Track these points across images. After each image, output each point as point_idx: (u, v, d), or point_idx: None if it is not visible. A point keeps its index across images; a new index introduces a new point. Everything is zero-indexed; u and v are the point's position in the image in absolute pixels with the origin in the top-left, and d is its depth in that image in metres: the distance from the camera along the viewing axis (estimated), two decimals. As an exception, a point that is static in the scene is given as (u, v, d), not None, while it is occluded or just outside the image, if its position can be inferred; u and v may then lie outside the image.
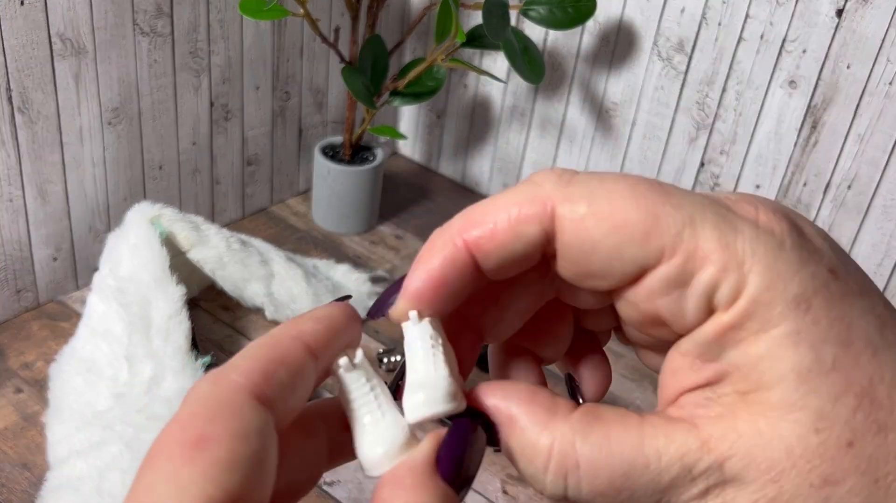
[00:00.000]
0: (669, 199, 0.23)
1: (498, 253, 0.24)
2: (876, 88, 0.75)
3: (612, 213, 0.23)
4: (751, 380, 0.23)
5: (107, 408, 0.65)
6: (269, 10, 0.73)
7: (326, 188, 0.94)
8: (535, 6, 0.80)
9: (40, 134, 0.73)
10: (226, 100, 0.88)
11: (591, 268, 0.24)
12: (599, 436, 0.24)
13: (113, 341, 0.68)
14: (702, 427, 0.23)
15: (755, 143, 0.84)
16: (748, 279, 0.22)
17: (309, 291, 0.79)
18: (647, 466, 0.23)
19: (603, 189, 0.23)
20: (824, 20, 0.76)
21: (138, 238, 0.72)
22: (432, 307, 0.25)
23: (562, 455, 0.24)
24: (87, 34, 0.73)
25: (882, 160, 0.77)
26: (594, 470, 0.23)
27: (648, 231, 0.23)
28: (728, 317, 0.23)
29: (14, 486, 0.63)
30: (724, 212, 0.23)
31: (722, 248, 0.22)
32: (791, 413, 0.22)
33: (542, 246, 0.24)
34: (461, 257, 0.25)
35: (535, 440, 0.24)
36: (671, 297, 0.23)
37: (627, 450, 0.23)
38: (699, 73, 0.85)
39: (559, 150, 0.98)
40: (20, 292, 0.78)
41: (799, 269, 0.22)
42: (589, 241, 0.23)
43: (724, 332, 0.23)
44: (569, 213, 0.23)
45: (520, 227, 0.24)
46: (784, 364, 0.22)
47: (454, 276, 0.25)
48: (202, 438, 0.21)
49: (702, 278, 0.23)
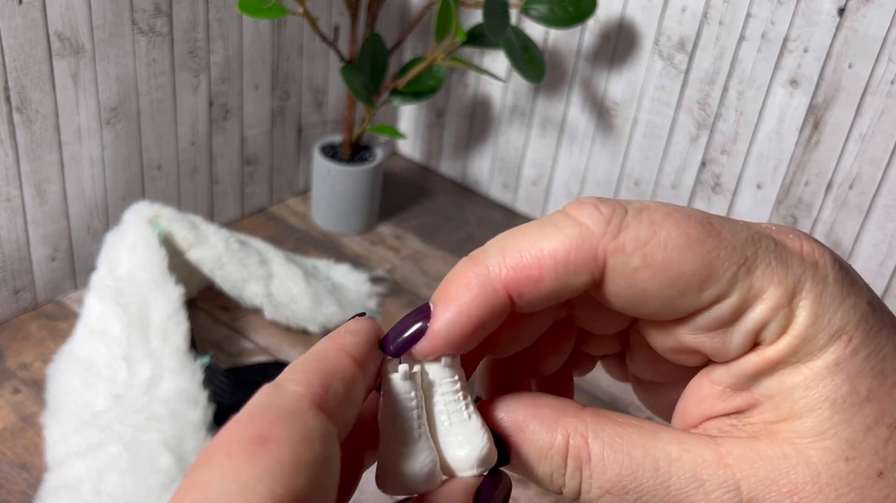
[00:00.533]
0: (722, 241, 0.23)
1: (541, 299, 0.24)
2: (878, 87, 0.75)
3: (667, 265, 0.22)
4: (781, 410, 0.23)
5: (105, 409, 0.65)
6: (268, 8, 0.72)
7: (326, 188, 0.93)
8: (536, 5, 0.80)
9: (38, 133, 0.73)
10: (225, 99, 0.87)
11: (643, 311, 0.23)
12: (611, 434, 0.23)
13: (111, 342, 0.68)
14: (721, 443, 0.23)
15: (756, 143, 0.84)
16: (797, 314, 0.22)
17: (308, 291, 0.79)
18: (657, 470, 0.23)
19: (656, 238, 0.23)
20: (826, 19, 0.76)
21: (136, 238, 0.72)
22: (461, 350, 0.25)
23: (576, 448, 0.23)
24: (86, 33, 0.73)
25: (884, 159, 0.77)
26: (603, 465, 0.23)
27: (704, 280, 0.22)
28: (773, 352, 0.23)
29: (12, 487, 0.63)
30: (772, 246, 0.23)
31: (775, 285, 0.22)
32: (821, 440, 0.22)
33: (585, 292, 0.24)
34: (501, 304, 0.24)
35: (549, 440, 0.24)
36: (718, 332, 0.23)
37: (638, 451, 0.23)
38: (700, 73, 0.85)
39: (560, 150, 0.98)
40: (18, 292, 0.78)
41: (842, 302, 0.23)
42: (641, 293, 0.23)
43: (768, 365, 0.23)
44: (622, 266, 0.23)
45: (569, 277, 0.23)
46: (819, 393, 0.22)
47: (489, 321, 0.24)
48: (265, 438, 0.20)
49: (752, 316, 0.23)
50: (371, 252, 0.93)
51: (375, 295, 0.86)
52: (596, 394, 0.79)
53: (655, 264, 0.23)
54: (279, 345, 0.79)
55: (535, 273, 0.23)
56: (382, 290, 0.87)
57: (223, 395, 0.68)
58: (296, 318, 0.79)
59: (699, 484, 0.22)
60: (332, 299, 0.80)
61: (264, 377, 0.73)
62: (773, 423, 0.23)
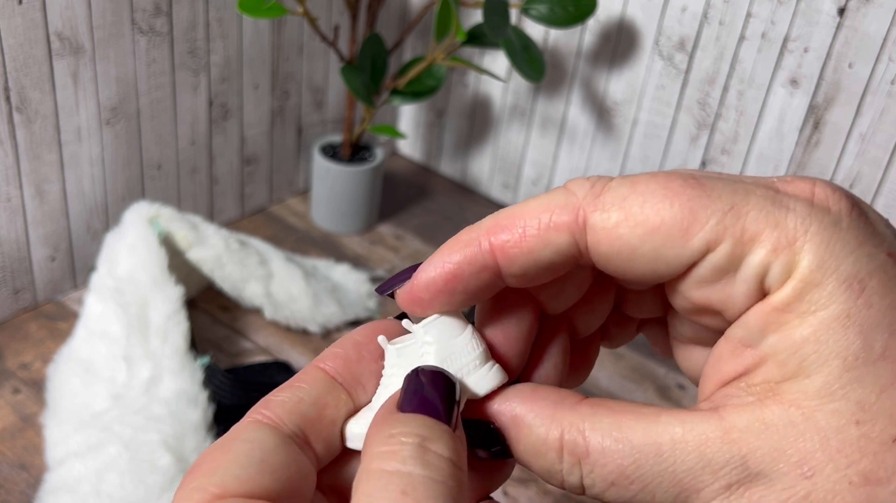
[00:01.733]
0: (705, 190, 0.22)
1: (524, 259, 0.24)
2: (878, 87, 0.75)
3: (646, 216, 0.22)
4: (788, 367, 0.21)
5: (105, 409, 0.65)
6: (268, 8, 0.72)
7: (325, 188, 0.93)
8: (536, 4, 0.80)
9: (38, 133, 0.73)
10: (224, 99, 0.87)
11: (634, 273, 0.23)
12: (609, 424, 0.23)
13: (111, 342, 0.68)
14: (725, 416, 0.22)
15: (757, 143, 0.84)
16: (800, 258, 0.21)
17: (308, 291, 0.79)
18: (660, 454, 0.22)
19: (635, 193, 0.23)
20: (826, 19, 0.76)
21: (136, 238, 0.71)
22: (438, 301, 0.25)
23: (572, 443, 0.23)
24: (86, 33, 0.72)
25: (884, 159, 0.77)
26: (603, 457, 0.22)
27: (686, 228, 0.22)
28: (778, 299, 0.21)
29: (12, 488, 0.63)
30: (770, 193, 0.22)
31: (771, 227, 0.21)
32: (830, 402, 0.21)
33: (573, 256, 0.24)
34: (482, 259, 0.24)
35: (545, 434, 0.23)
36: (720, 285, 0.22)
37: (639, 437, 0.22)
38: (700, 72, 0.85)
39: (560, 150, 0.98)
40: (18, 292, 0.78)
41: (855, 249, 0.21)
42: (626, 248, 0.23)
43: (771, 315, 0.22)
44: (601, 222, 0.23)
45: (549, 234, 0.23)
46: (828, 348, 0.21)
47: (470, 276, 0.24)
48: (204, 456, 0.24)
49: (751, 261, 0.22)
50: (371, 252, 0.93)
51: (376, 295, 0.86)
52: (595, 393, 0.79)
53: (633, 216, 0.22)
54: (279, 345, 0.79)
55: (518, 231, 0.24)
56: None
57: (223, 395, 0.68)
58: (296, 318, 0.79)
59: (705, 463, 0.21)
60: (332, 299, 0.80)
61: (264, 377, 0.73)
62: (779, 383, 0.21)
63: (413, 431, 0.22)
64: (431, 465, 0.21)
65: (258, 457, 0.22)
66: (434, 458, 0.21)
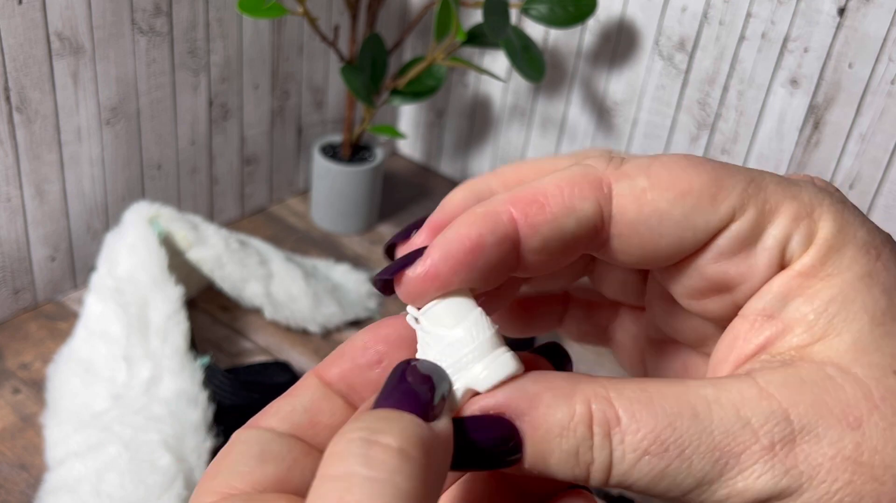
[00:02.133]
0: (724, 166, 0.23)
1: (548, 228, 0.22)
2: (878, 87, 0.75)
3: (675, 181, 0.22)
4: (816, 329, 0.21)
5: (105, 410, 0.65)
6: (268, 8, 0.72)
7: (325, 188, 0.93)
8: (536, 4, 0.80)
9: (38, 133, 0.73)
10: (224, 99, 0.87)
11: (660, 243, 0.22)
12: (636, 390, 0.21)
13: (111, 342, 0.68)
14: (758, 377, 0.21)
15: (757, 143, 0.84)
16: (819, 225, 0.22)
17: (308, 291, 0.79)
18: (696, 416, 0.20)
19: (658, 163, 0.23)
20: (826, 19, 0.76)
21: (136, 238, 0.71)
22: (456, 278, 0.22)
23: (601, 412, 0.21)
24: (86, 33, 0.72)
25: (884, 159, 0.77)
26: (636, 423, 0.20)
27: (715, 193, 0.22)
28: (801, 265, 0.22)
29: (12, 488, 0.63)
30: (781, 178, 0.23)
31: (790, 198, 0.22)
32: (865, 356, 0.20)
33: (595, 229, 0.22)
34: (504, 229, 0.22)
35: (569, 410, 0.21)
36: (741, 256, 0.22)
37: (670, 401, 0.21)
38: (701, 72, 0.85)
39: (560, 150, 0.98)
40: (18, 292, 0.78)
41: (864, 222, 0.22)
42: (655, 213, 0.22)
43: (795, 280, 0.22)
44: (628, 189, 0.22)
45: (574, 201, 0.22)
46: (856, 306, 0.21)
47: (492, 247, 0.22)
48: None
49: (773, 231, 0.22)
50: (371, 252, 0.93)
51: (376, 295, 0.86)
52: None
53: (662, 181, 0.22)
54: (279, 345, 0.79)
55: (541, 198, 0.22)
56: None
57: (223, 395, 0.68)
58: (296, 318, 0.79)
59: (744, 422, 0.20)
60: (332, 299, 0.80)
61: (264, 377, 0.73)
62: (809, 346, 0.21)
63: (363, 425, 0.19)
64: (375, 462, 0.18)
65: (257, 450, 0.22)
66: (380, 453, 0.19)
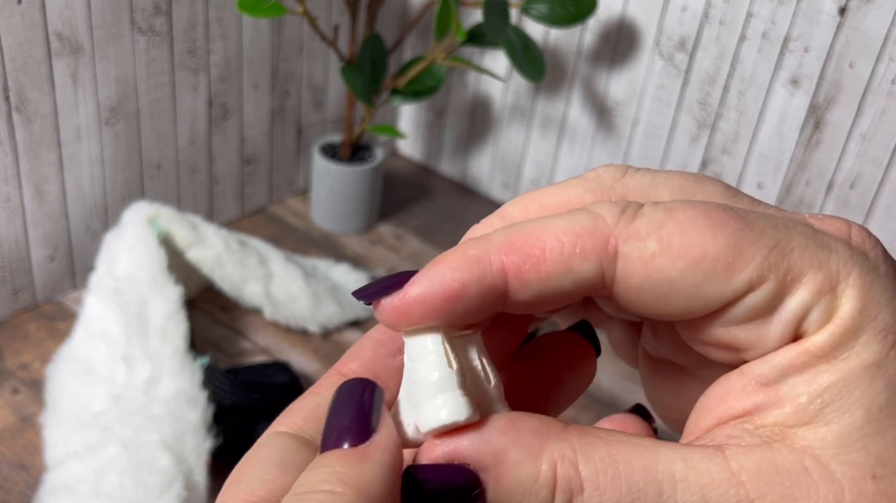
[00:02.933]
0: (748, 223, 0.20)
1: (540, 286, 0.21)
2: (879, 87, 0.75)
3: (688, 247, 0.20)
4: (806, 412, 0.20)
5: (104, 410, 0.65)
6: (267, 7, 0.72)
7: (325, 188, 0.93)
8: (536, 4, 0.80)
9: (37, 133, 0.73)
10: (224, 98, 0.87)
11: (666, 308, 0.21)
12: (604, 456, 0.20)
13: (110, 342, 0.68)
14: (731, 457, 0.20)
15: (757, 142, 0.84)
16: (842, 302, 0.20)
17: (308, 291, 0.79)
18: (660, 495, 0.20)
19: (673, 222, 0.20)
20: (827, 18, 0.76)
21: (135, 238, 0.71)
22: (429, 319, 0.22)
23: (566, 478, 0.20)
24: (85, 33, 0.72)
25: (885, 159, 0.77)
26: (599, 494, 0.20)
27: (732, 263, 0.20)
28: (813, 344, 0.20)
29: (11, 488, 0.63)
30: (811, 231, 0.21)
31: (815, 268, 0.20)
32: (848, 453, 0.20)
33: (593, 287, 0.21)
34: (491, 280, 0.21)
35: (534, 471, 0.20)
36: (754, 324, 0.21)
37: (637, 474, 0.20)
38: (701, 72, 0.84)
39: (560, 150, 0.98)
40: (17, 292, 0.78)
41: (892, 298, 0.20)
42: (664, 281, 0.20)
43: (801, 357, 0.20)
44: (636, 252, 0.20)
45: (573, 260, 0.21)
46: (853, 398, 0.20)
47: (473, 297, 0.21)
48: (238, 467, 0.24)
49: (792, 303, 0.20)
50: (371, 252, 0.93)
51: (375, 295, 0.85)
52: (595, 393, 0.78)
53: (674, 247, 0.20)
54: (279, 345, 0.79)
55: (538, 253, 0.21)
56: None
57: (223, 396, 0.67)
58: (295, 318, 0.79)
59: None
60: (331, 299, 0.80)
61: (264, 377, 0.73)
62: (792, 427, 0.20)
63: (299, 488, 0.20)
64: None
65: (279, 457, 0.22)
66: None
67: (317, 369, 0.77)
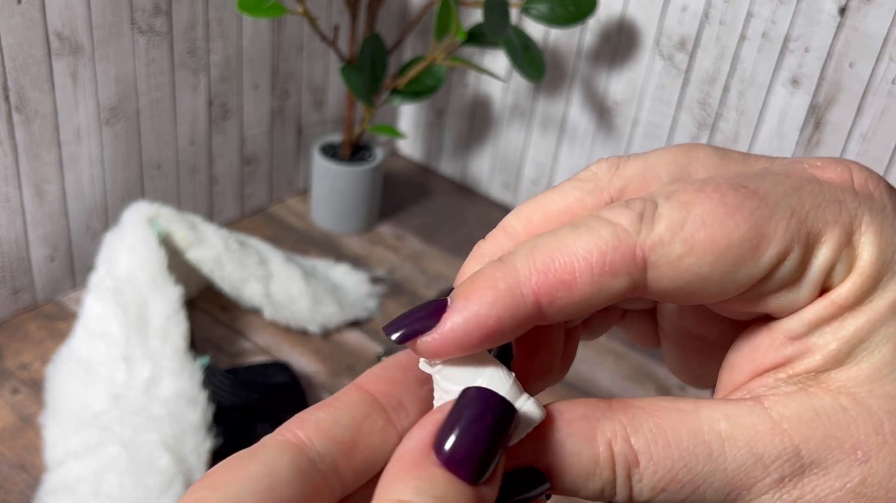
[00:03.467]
0: (763, 200, 0.21)
1: (574, 307, 0.21)
2: (879, 87, 0.75)
3: (712, 240, 0.21)
4: (837, 356, 0.21)
5: (104, 410, 0.64)
6: (267, 7, 0.72)
7: (325, 188, 0.93)
8: (536, 4, 0.80)
9: (37, 133, 0.73)
10: (224, 98, 0.87)
11: (700, 300, 0.22)
12: (652, 427, 0.21)
13: (110, 342, 0.68)
14: (771, 407, 0.21)
15: (757, 142, 0.84)
16: (859, 252, 0.21)
17: (307, 291, 0.79)
18: (710, 454, 0.21)
19: (692, 217, 0.21)
20: (827, 18, 0.76)
21: (135, 238, 0.71)
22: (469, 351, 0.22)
23: (622, 454, 0.21)
24: (85, 33, 0.72)
25: (885, 159, 0.77)
26: (653, 464, 0.21)
27: (757, 245, 0.21)
28: (838, 295, 0.21)
29: (11, 488, 0.63)
30: (818, 186, 0.21)
31: (831, 224, 0.21)
32: (882, 387, 0.20)
33: (624, 299, 0.22)
34: (526, 311, 0.21)
35: (593, 454, 0.21)
36: (784, 292, 0.21)
37: (685, 438, 0.21)
38: (701, 72, 0.84)
39: (560, 149, 0.98)
40: (17, 293, 0.78)
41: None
42: (696, 278, 0.21)
43: (829, 308, 0.21)
44: (664, 258, 0.21)
45: (605, 279, 0.21)
46: (880, 336, 0.21)
47: (510, 329, 0.21)
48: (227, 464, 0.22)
49: (817, 265, 0.21)
50: (371, 252, 0.93)
51: (375, 295, 0.85)
52: (595, 393, 0.78)
53: (699, 244, 0.21)
54: (279, 345, 0.79)
55: (568, 278, 0.21)
56: (382, 291, 0.87)
57: (222, 396, 0.67)
58: (295, 318, 0.79)
59: (756, 458, 0.20)
60: (331, 299, 0.80)
61: (264, 377, 0.72)
62: (826, 372, 0.21)
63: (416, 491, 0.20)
64: None
65: (267, 484, 0.21)
66: None
67: (317, 369, 0.77)
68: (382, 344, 0.80)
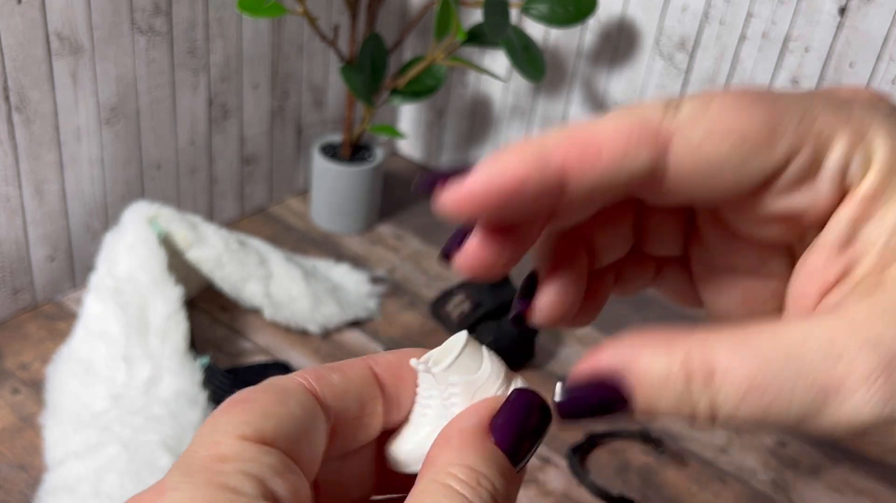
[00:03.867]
0: (777, 100, 0.23)
1: (598, 177, 0.22)
2: (879, 87, 0.75)
3: (731, 127, 0.22)
4: (887, 251, 0.22)
5: (104, 410, 0.64)
6: (267, 7, 0.72)
7: (325, 187, 0.93)
8: (536, 4, 0.80)
9: (37, 133, 0.73)
10: (224, 98, 0.87)
11: (717, 188, 0.23)
12: (730, 337, 0.22)
13: (110, 342, 0.68)
14: (843, 315, 0.22)
15: (757, 142, 0.84)
16: (874, 146, 0.22)
17: (308, 291, 0.79)
18: (789, 356, 0.21)
19: (713, 107, 0.23)
20: (827, 18, 0.76)
21: (135, 238, 0.71)
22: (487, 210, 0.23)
23: (700, 362, 0.21)
24: (85, 32, 0.72)
25: (885, 159, 0.77)
26: (732, 371, 0.21)
27: (769, 136, 0.22)
28: (862, 191, 0.22)
29: (11, 488, 0.63)
30: (829, 96, 0.23)
31: (842, 124, 0.22)
32: None
33: (644, 179, 0.23)
34: (551, 177, 0.22)
35: (668, 364, 0.22)
36: (803, 189, 0.23)
37: (764, 344, 0.21)
38: (701, 72, 0.84)
39: (560, 149, 0.98)
40: (17, 293, 0.78)
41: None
42: (714, 163, 0.22)
43: (861, 206, 0.22)
44: (684, 140, 0.22)
45: (629, 152, 0.22)
46: None
47: (531, 192, 0.23)
48: (246, 399, 0.24)
49: (832, 159, 0.22)
50: (371, 252, 0.93)
51: (375, 295, 0.85)
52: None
53: (718, 129, 0.22)
54: (279, 345, 0.79)
55: (594, 149, 0.22)
56: (382, 290, 0.87)
57: (223, 396, 0.67)
58: (295, 318, 0.79)
59: (837, 357, 0.21)
60: (331, 299, 0.80)
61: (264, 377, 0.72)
62: (884, 270, 0.22)
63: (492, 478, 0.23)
64: None
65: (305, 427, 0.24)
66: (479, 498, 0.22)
67: (317, 369, 0.77)
68: (383, 344, 0.80)
